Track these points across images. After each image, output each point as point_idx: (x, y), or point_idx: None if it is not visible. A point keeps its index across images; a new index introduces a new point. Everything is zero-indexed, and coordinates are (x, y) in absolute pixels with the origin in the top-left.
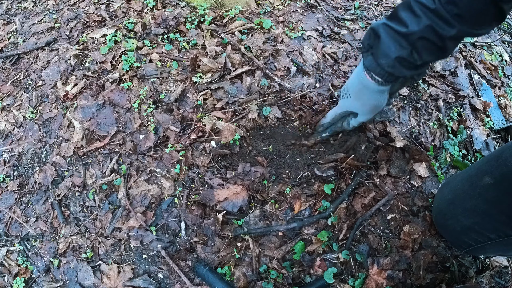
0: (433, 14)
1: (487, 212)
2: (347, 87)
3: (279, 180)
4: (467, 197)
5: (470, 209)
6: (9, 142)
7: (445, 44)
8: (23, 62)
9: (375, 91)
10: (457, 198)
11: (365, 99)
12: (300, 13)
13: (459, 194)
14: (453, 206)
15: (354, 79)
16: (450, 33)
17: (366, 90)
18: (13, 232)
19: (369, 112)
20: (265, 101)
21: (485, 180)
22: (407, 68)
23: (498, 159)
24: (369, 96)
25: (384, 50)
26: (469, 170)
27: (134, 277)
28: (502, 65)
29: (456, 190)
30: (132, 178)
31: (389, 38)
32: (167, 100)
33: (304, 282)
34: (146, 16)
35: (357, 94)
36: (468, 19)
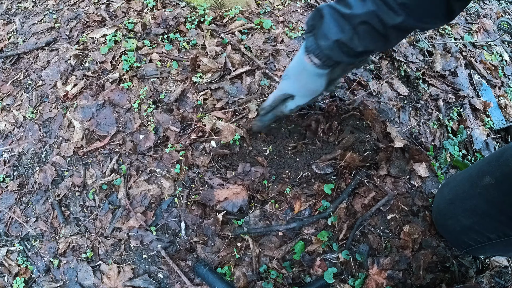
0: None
1: (487, 212)
2: (288, 68)
3: (279, 180)
4: (467, 197)
5: (470, 209)
6: (9, 142)
7: (388, 33)
8: (23, 62)
9: (313, 74)
10: (457, 198)
11: (303, 82)
12: (300, 13)
13: (459, 194)
14: (453, 206)
15: (294, 61)
16: (394, 21)
17: (305, 72)
18: (13, 232)
19: (306, 95)
20: (265, 101)
21: (486, 180)
22: (346, 54)
23: (499, 160)
24: (307, 79)
25: (324, 32)
26: (469, 170)
27: (134, 277)
28: (502, 65)
29: (456, 190)
30: (132, 178)
31: (332, 20)
32: (167, 100)
33: (304, 282)
34: (146, 16)
35: (296, 76)
36: (414, 10)
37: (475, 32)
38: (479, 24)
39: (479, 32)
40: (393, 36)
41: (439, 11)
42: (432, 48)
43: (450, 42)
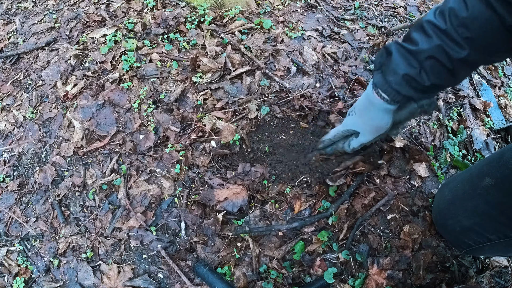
0: (444, 34)
1: (487, 213)
2: (355, 105)
3: (279, 180)
4: (468, 197)
5: (470, 209)
6: (9, 142)
7: (455, 67)
8: (23, 62)
9: (380, 109)
10: (457, 199)
11: (369, 117)
12: (300, 13)
13: (459, 194)
14: (453, 207)
15: (362, 97)
16: (460, 55)
17: (372, 107)
18: (13, 232)
19: (371, 132)
20: (265, 101)
21: (486, 181)
22: (414, 88)
23: (499, 161)
24: (373, 114)
25: (393, 67)
26: (470, 170)
27: (134, 277)
28: (502, 65)
29: (457, 190)
30: (132, 178)
31: (399, 56)
32: (167, 100)
33: (304, 282)
34: (146, 16)
35: (362, 111)
36: (479, 43)
37: None
38: None
39: None
40: (460, 70)
41: (502, 45)
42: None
43: None
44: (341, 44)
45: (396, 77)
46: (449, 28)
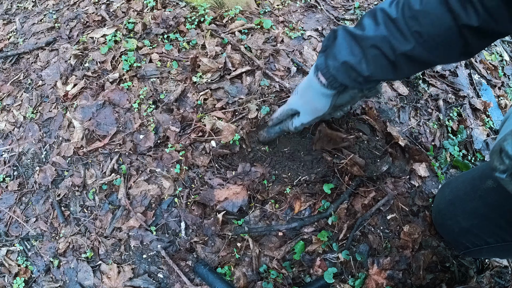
0: (393, 24)
1: (487, 215)
2: (299, 85)
3: (279, 180)
4: (468, 199)
5: (470, 211)
6: (9, 142)
7: (397, 60)
8: (23, 62)
9: (318, 92)
10: (458, 199)
11: (308, 99)
12: (300, 13)
13: (460, 195)
14: (453, 207)
15: (305, 78)
16: (405, 48)
17: (311, 89)
18: (13, 232)
19: (310, 113)
20: (265, 101)
21: (488, 183)
22: (351, 78)
23: None
24: (312, 97)
25: (334, 52)
26: (472, 172)
27: (134, 277)
28: (502, 65)
29: (457, 191)
30: (132, 178)
31: (344, 42)
32: (167, 100)
33: (304, 282)
34: (146, 16)
35: (303, 91)
36: (427, 40)
37: None
38: None
39: None
40: (402, 64)
41: (454, 47)
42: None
43: None
44: None
45: (335, 62)
46: (400, 18)
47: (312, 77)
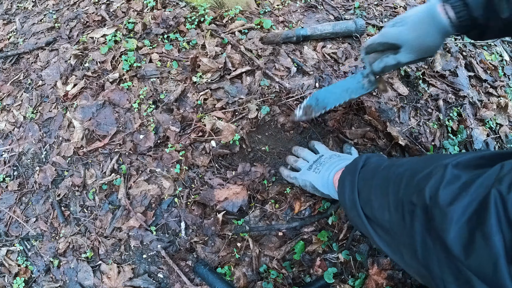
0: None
1: None
2: (405, 16)
3: (279, 180)
4: None
5: None
6: (9, 142)
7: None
8: (23, 62)
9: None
10: None
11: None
12: (300, 13)
13: None
14: None
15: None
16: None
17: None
18: (13, 232)
19: (418, 50)
20: (265, 101)
21: None
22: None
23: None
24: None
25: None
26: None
27: (134, 277)
28: (502, 65)
29: None
30: (132, 178)
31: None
32: (167, 100)
33: (304, 282)
34: (146, 16)
35: (417, 24)
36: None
37: None
38: None
39: None
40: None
41: None
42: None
43: (450, 42)
44: (341, 44)
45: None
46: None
47: (436, 10)
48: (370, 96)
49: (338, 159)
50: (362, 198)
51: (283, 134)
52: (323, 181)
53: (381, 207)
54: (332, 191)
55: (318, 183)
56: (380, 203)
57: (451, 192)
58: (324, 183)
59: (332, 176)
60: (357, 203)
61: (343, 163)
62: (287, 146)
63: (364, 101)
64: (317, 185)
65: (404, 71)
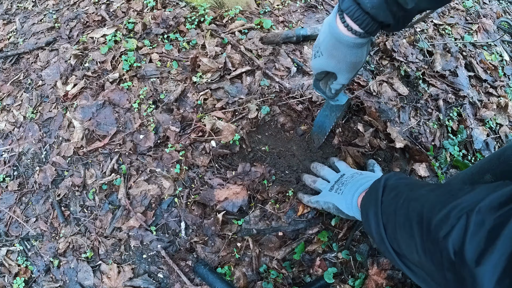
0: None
1: None
2: (319, 43)
3: (279, 180)
4: None
5: None
6: (9, 142)
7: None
8: (23, 62)
9: (351, 46)
10: None
11: (340, 56)
12: (300, 13)
13: None
14: None
15: (325, 32)
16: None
17: (340, 45)
18: (13, 232)
19: (347, 70)
20: (265, 101)
21: (486, 178)
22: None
23: (500, 157)
24: (345, 52)
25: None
26: (471, 169)
27: (134, 277)
28: (502, 65)
29: None
30: (132, 178)
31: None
32: (167, 100)
33: (304, 282)
34: (146, 16)
35: (331, 51)
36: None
37: (475, 32)
38: (479, 24)
39: (479, 32)
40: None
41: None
42: (432, 48)
43: (450, 42)
44: None
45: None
46: None
47: (337, 30)
48: (370, 96)
49: (360, 177)
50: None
51: (283, 134)
52: (347, 203)
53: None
54: (357, 214)
55: (342, 205)
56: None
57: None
58: (348, 205)
59: (356, 198)
60: (385, 240)
61: (366, 183)
62: (287, 146)
63: (364, 101)
64: (341, 207)
65: (404, 71)
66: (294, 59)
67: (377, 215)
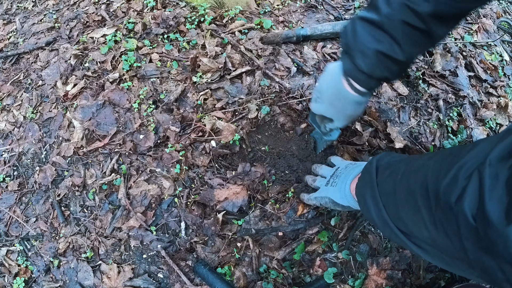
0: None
1: None
2: (320, 89)
3: (279, 181)
4: None
5: None
6: (9, 142)
7: (428, 26)
8: (23, 62)
9: (352, 102)
10: None
11: (340, 108)
12: (300, 13)
13: None
14: None
15: (329, 83)
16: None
17: (342, 99)
18: (13, 232)
19: (344, 119)
20: (265, 101)
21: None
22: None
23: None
24: (345, 105)
25: (360, 48)
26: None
27: (134, 277)
28: (502, 65)
29: None
30: (132, 178)
31: (364, 32)
32: (167, 100)
33: (304, 282)
34: (146, 16)
35: (333, 101)
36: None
37: (475, 32)
38: (479, 24)
39: (479, 32)
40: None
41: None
42: (432, 48)
43: (450, 42)
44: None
45: (366, 59)
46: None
47: (343, 88)
48: None
49: (353, 166)
50: (391, 214)
51: (283, 134)
52: (341, 194)
53: (416, 224)
54: (351, 201)
55: (336, 197)
56: (414, 221)
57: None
58: (342, 195)
59: (349, 185)
60: (389, 221)
61: (357, 169)
62: (286, 146)
63: None
64: (336, 199)
65: None
66: (294, 59)
67: (375, 198)
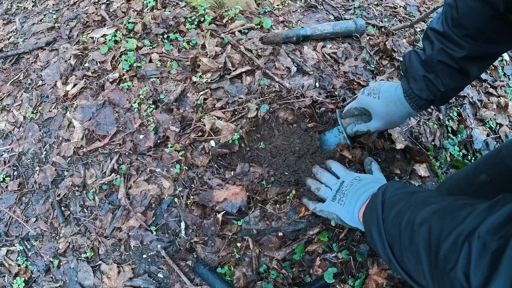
0: (442, 37)
1: None
2: (379, 88)
3: (278, 181)
4: (462, 195)
5: None
6: (9, 142)
7: (462, 66)
8: (23, 62)
9: (405, 111)
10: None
11: (392, 110)
12: (300, 13)
13: (454, 192)
14: None
15: (391, 89)
16: (460, 54)
17: (400, 105)
18: (13, 232)
19: (385, 123)
20: (264, 101)
21: (482, 178)
22: (434, 93)
23: (495, 158)
24: (398, 111)
25: (413, 74)
26: (466, 169)
27: (134, 277)
28: (502, 65)
29: (453, 188)
30: (132, 178)
31: (417, 63)
32: (167, 100)
33: (304, 282)
34: (146, 16)
35: (389, 102)
36: (479, 38)
37: None
38: None
39: None
40: (469, 67)
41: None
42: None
43: None
44: (341, 44)
45: (416, 84)
46: (446, 30)
47: (402, 97)
48: None
49: (359, 185)
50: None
51: (282, 134)
52: (349, 215)
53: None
54: (360, 225)
55: (345, 217)
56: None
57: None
58: (350, 218)
59: (357, 212)
60: (394, 261)
61: (365, 193)
62: (286, 145)
63: None
64: (344, 219)
65: None
66: (294, 59)
67: (381, 235)
